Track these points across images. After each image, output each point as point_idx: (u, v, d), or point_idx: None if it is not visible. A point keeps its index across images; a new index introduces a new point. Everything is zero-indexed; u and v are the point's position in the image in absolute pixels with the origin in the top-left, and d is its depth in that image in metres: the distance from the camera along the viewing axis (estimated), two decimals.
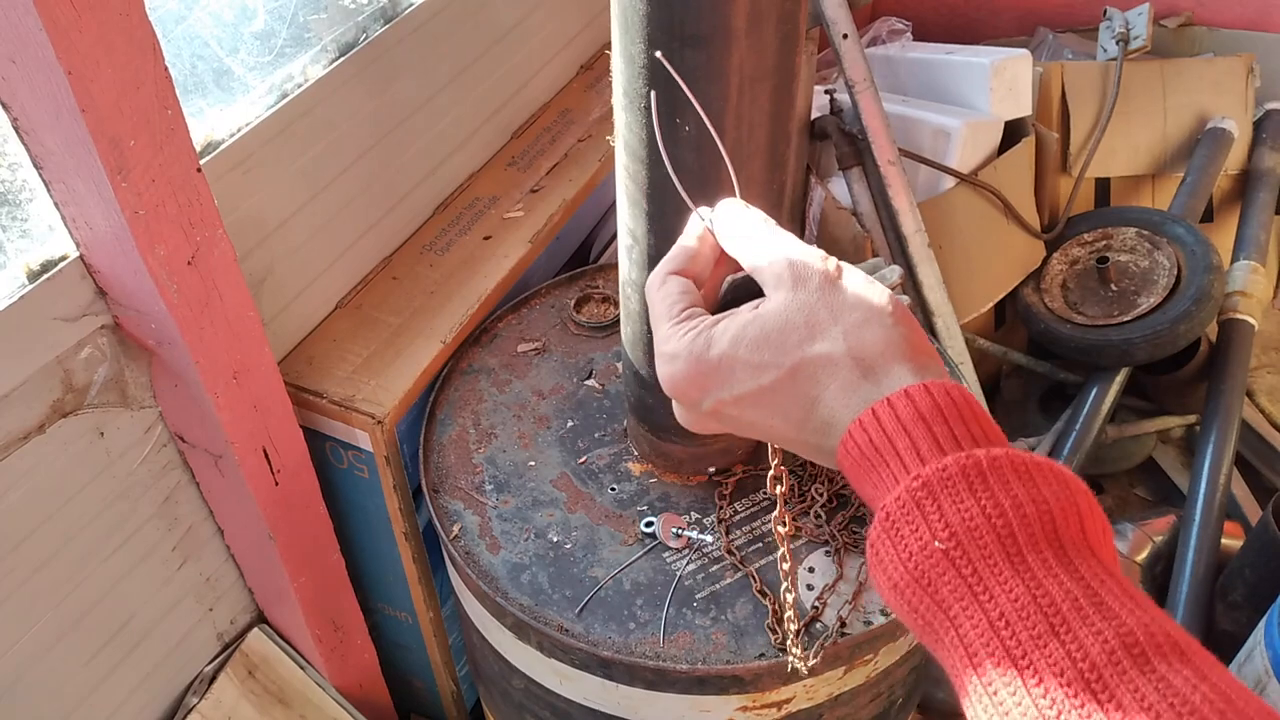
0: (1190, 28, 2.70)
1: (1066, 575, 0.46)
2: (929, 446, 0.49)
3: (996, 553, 0.46)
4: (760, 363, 0.54)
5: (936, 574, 0.47)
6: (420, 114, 1.52)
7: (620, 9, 0.90)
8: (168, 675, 1.37)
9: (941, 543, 0.47)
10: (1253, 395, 2.33)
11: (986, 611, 0.45)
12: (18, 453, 1.07)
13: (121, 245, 1.01)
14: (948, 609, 0.47)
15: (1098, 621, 0.44)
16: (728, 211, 0.61)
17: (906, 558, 0.48)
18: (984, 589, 0.46)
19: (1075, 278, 2.37)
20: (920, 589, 0.48)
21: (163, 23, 1.16)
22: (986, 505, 0.47)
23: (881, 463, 0.50)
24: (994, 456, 0.48)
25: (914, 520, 0.48)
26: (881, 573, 0.50)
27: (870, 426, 0.51)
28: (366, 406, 1.33)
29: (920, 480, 0.48)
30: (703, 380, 0.56)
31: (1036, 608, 0.44)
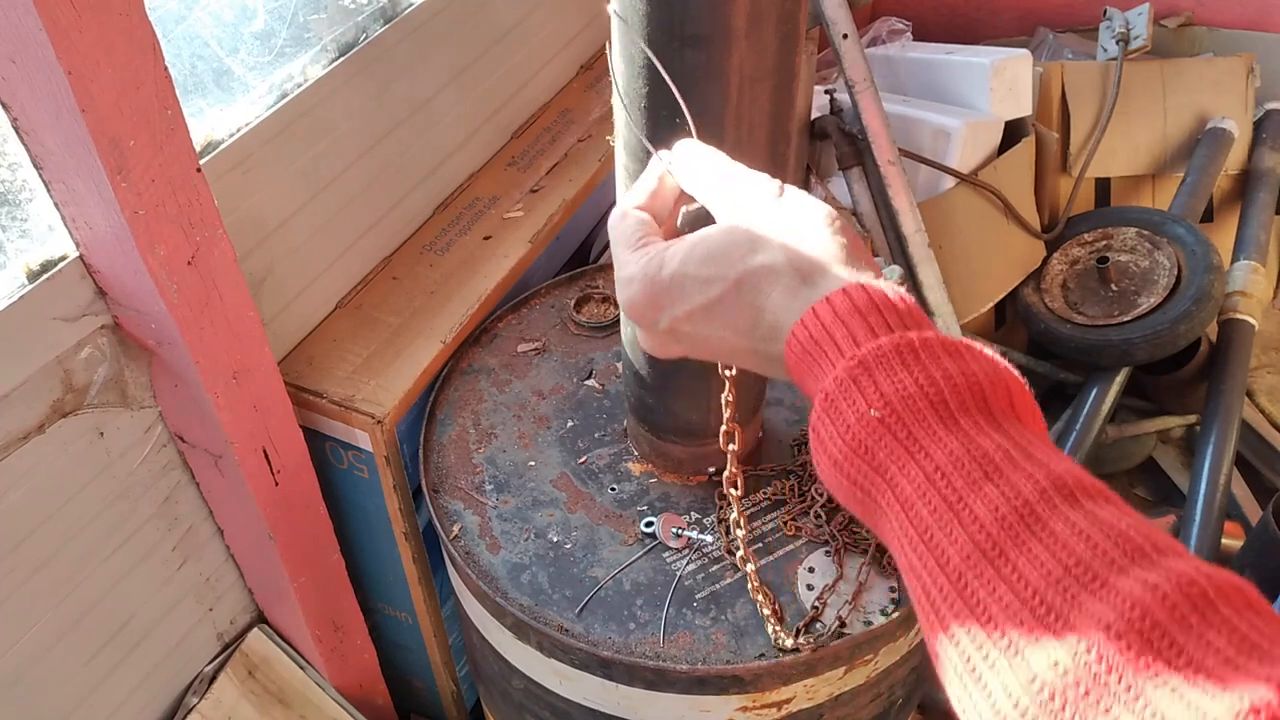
0: (1190, 28, 2.70)
1: (996, 433, 0.48)
2: (864, 334, 0.52)
3: (930, 416, 0.49)
4: (708, 276, 0.58)
5: (873, 440, 0.50)
6: (420, 114, 1.52)
7: (620, 9, 0.90)
8: (168, 675, 1.37)
9: (877, 410, 0.49)
10: (1253, 395, 2.33)
11: (922, 466, 0.48)
12: (18, 453, 1.07)
13: (121, 245, 1.01)
14: (885, 472, 0.49)
15: (1028, 467, 0.46)
16: (685, 151, 0.65)
17: (844, 430, 0.51)
18: (919, 448, 0.48)
19: (1075, 278, 2.37)
20: (858, 458, 0.50)
21: (163, 23, 1.16)
22: (919, 377, 0.50)
23: (821, 354, 0.53)
24: (925, 337, 0.51)
25: (851, 395, 0.51)
26: (823, 453, 0.52)
27: (810, 323, 0.54)
28: (366, 406, 1.33)
29: (856, 359, 0.51)
30: (657, 299, 0.60)
31: (970, 458, 0.47)
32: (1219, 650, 0.38)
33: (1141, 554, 0.42)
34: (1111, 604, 0.40)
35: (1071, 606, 0.41)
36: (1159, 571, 0.41)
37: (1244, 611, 0.40)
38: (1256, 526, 1.95)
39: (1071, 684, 0.39)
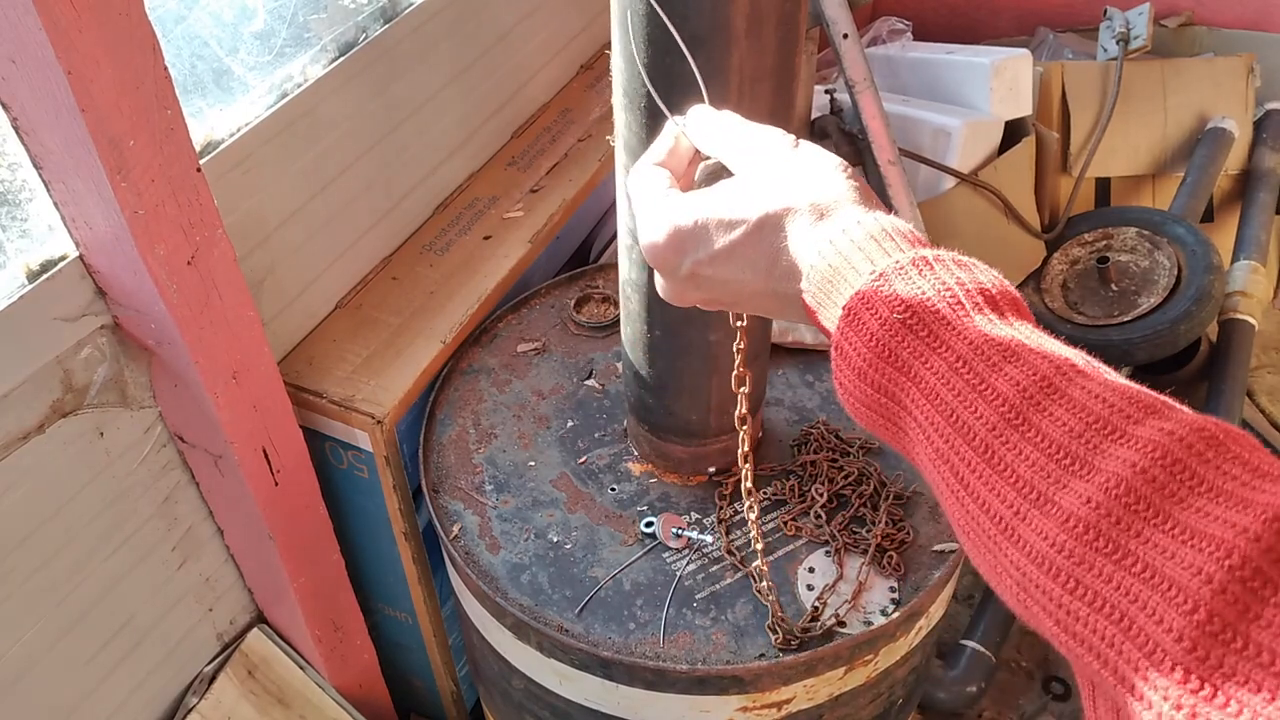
0: (1190, 28, 2.70)
1: (1006, 325, 0.52)
2: (881, 255, 0.55)
3: (948, 314, 0.52)
4: (730, 220, 0.60)
5: (896, 342, 0.52)
6: (420, 114, 1.52)
7: (620, 9, 0.90)
8: (168, 675, 1.37)
9: (898, 315, 0.52)
10: (1253, 395, 2.33)
11: (944, 357, 0.51)
12: (17, 453, 1.07)
13: (121, 245, 1.01)
14: (908, 369, 0.52)
15: (1044, 348, 0.50)
16: (699, 114, 0.68)
17: (869, 339, 0.53)
18: (940, 342, 0.51)
19: (1075, 278, 2.37)
20: (882, 361, 0.53)
21: (163, 23, 1.16)
22: (935, 284, 0.53)
23: (840, 278, 0.56)
24: (937, 253, 0.55)
25: (873, 305, 0.53)
26: (846, 366, 0.55)
27: (828, 252, 0.56)
28: (366, 406, 1.33)
29: (876, 273, 0.54)
30: (680, 243, 0.62)
31: (989, 345, 0.50)
32: (1236, 477, 0.41)
33: (1154, 409, 0.45)
34: (1134, 448, 0.44)
35: (1096, 454, 0.44)
36: (1173, 420, 0.44)
37: (1253, 450, 0.43)
38: None
39: (1105, 515, 0.42)
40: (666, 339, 1.15)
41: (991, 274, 0.55)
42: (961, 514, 0.49)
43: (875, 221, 0.56)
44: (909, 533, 1.22)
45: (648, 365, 1.19)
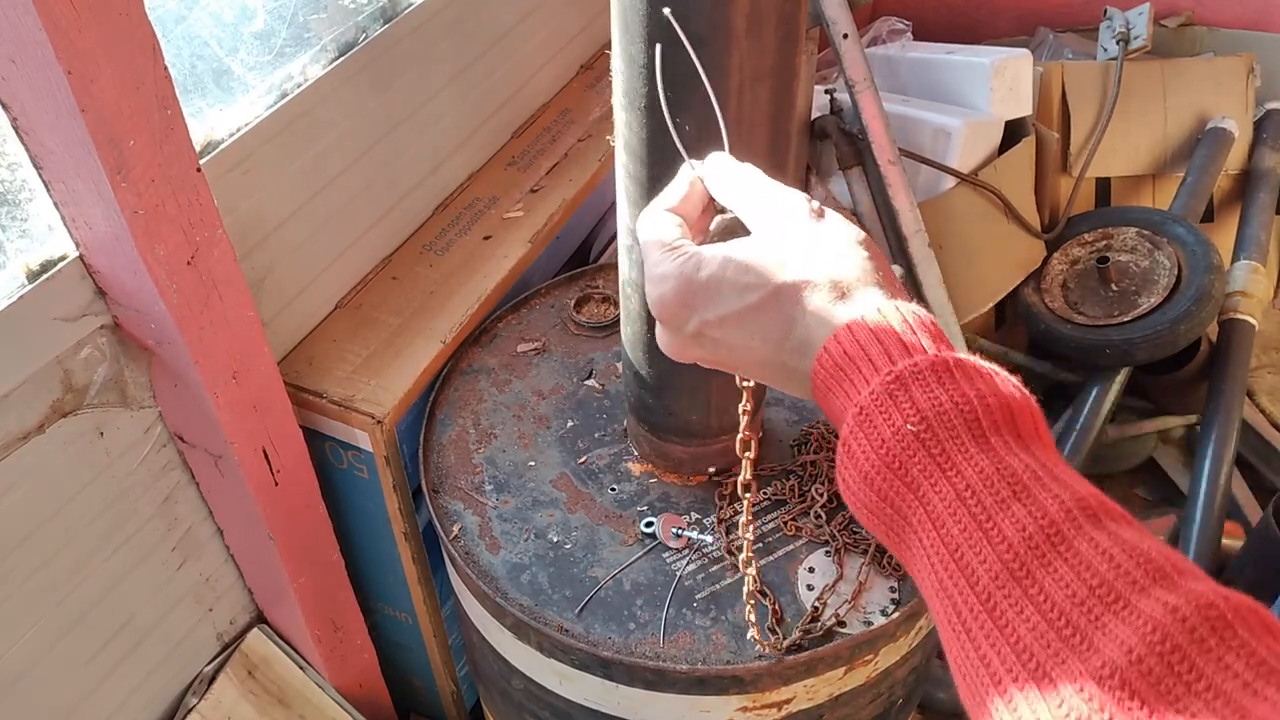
0: (1190, 28, 2.70)
1: (1024, 454, 0.50)
2: (899, 351, 0.53)
3: (963, 433, 0.50)
4: (746, 284, 0.58)
5: (907, 456, 0.51)
6: (420, 113, 1.52)
7: (620, 9, 0.90)
8: (168, 675, 1.37)
9: (913, 425, 0.51)
10: (1253, 395, 2.33)
11: (953, 483, 0.49)
12: (18, 453, 1.07)
13: (121, 245, 1.01)
14: (917, 487, 0.50)
15: (1054, 488, 0.48)
16: (718, 162, 0.66)
17: (879, 445, 0.52)
18: (950, 465, 0.50)
19: (1076, 278, 2.37)
20: (891, 473, 0.51)
21: (163, 23, 1.16)
22: (955, 395, 0.51)
23: (855, 369, 0.54)
24: (959, 358, 0.53)
25: (887, 410, 0.52)
26: (853, 467, 0.53)
27: (845, 338, 0.55)
28: (366, 406, 1.33)
29: (893, 375, 0.52)
30: (690, 299, 0.60)
31: (1000, 477, 0.48)
32: (1238, 674, 0.39)
33: (1162, 574, 0.43)
34: (1133, 626, 0.42)
35: (1095, 628, 0.43)
36: (1179, 593, 0.42)
37: (1262, 635, 0.41)
38: (1256, 526, 1.95)
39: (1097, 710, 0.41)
40: None
41: (1012, 384, 0.53)
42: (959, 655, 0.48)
43: (896, 311, 0.55)
44: None
45: (648, 365, 1.19)
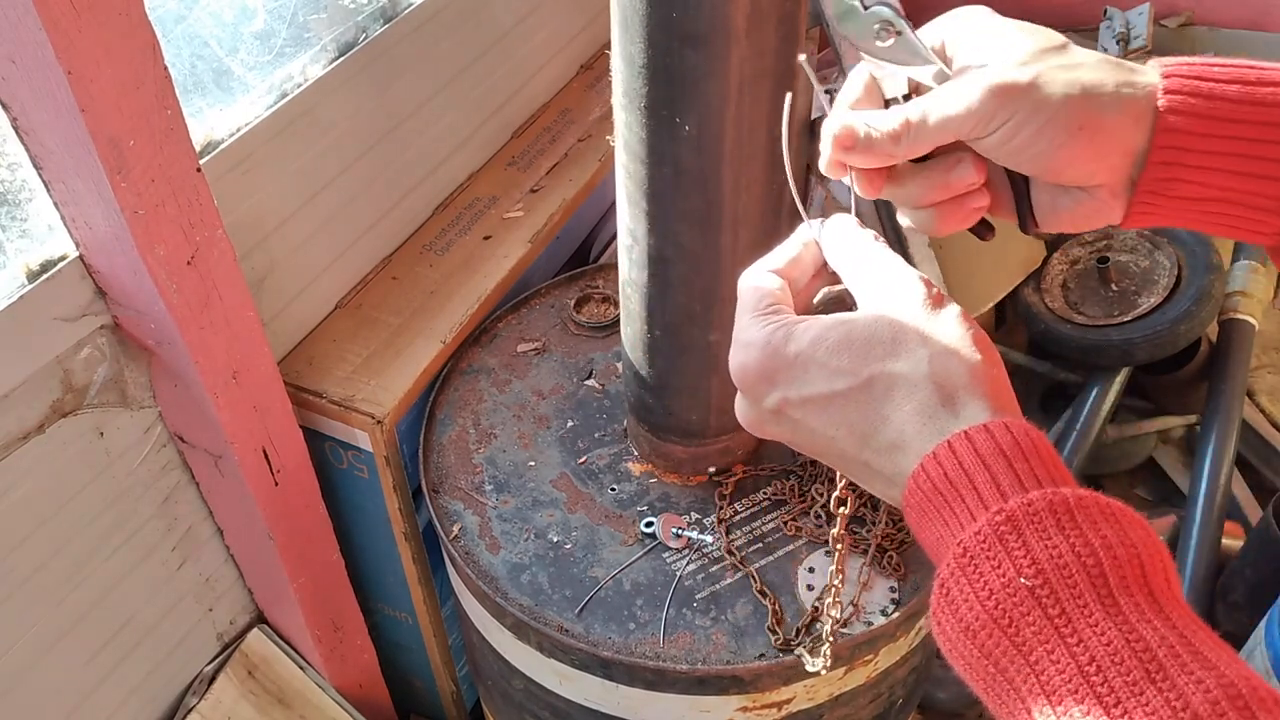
0: (1190, 28, 2.70)
1: (1160, 621, 0.43)
2: (1010, 482, 0.47)
3: (1087, 592, 0.43)
4: (838, 367, 0.53)
5: (1020, 613, 0.44)
6: (420, 113, 1.52)
7: (620, 9, 0.90)
8: (167, 675, 1.37)
9: (1027, 579, 0.44)
10: (1253, 395, 2.33)
11: (1075, 656, 0.43)
12: (17, 453, 1.07)
13: (121, 245, 1.01)
14: (1029, 652, 0.44)
15: (1197, 670, 0.41)
16: (838, 225, 0.60)
17: (986, 595, 0.45)
18: (1072, 631, 0.43)
19: (1076, 278, 2.37)
20: (999, 630, 0.45)
21: (163, 23, 1.16)
22: (1076, 543, 0.44)
23: (956, 497, 0.48)
24: (1080, 495, 0.46)
25: (996, 556, 0.45)
26: (952, 614, 0.47)
27: (945, 459, 0.49)
28: (366, 406, 1.33)
29: (1004, 514, 0.46)
30: (773, 373, 0.55)
31: (1131, 653, 0.42)
32: None
33: None
34: None
35: None
36: None
37: None
38: (1256, 526, 1.95)
39: None
40: (666, 339, 1.15)
41: (1142, 525, 0.46)
42: None
43: (1007, 432, 0.48)
44: (909, 532, 1.22)
45: (648, 365, 1.19)
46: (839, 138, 0.59)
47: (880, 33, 0.59)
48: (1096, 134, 0.54)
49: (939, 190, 0.60)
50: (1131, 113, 0.54)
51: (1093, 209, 0.58)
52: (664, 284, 1.09)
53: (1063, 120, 0.54)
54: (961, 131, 0.56)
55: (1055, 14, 2.84)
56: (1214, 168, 0.54)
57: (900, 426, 0.51)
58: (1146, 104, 0.54)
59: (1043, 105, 0.54)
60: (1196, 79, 0.53)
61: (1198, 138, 0.53)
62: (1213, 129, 0.53)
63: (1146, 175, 0.55)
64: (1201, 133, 0.53)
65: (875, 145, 0.58)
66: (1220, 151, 0.53)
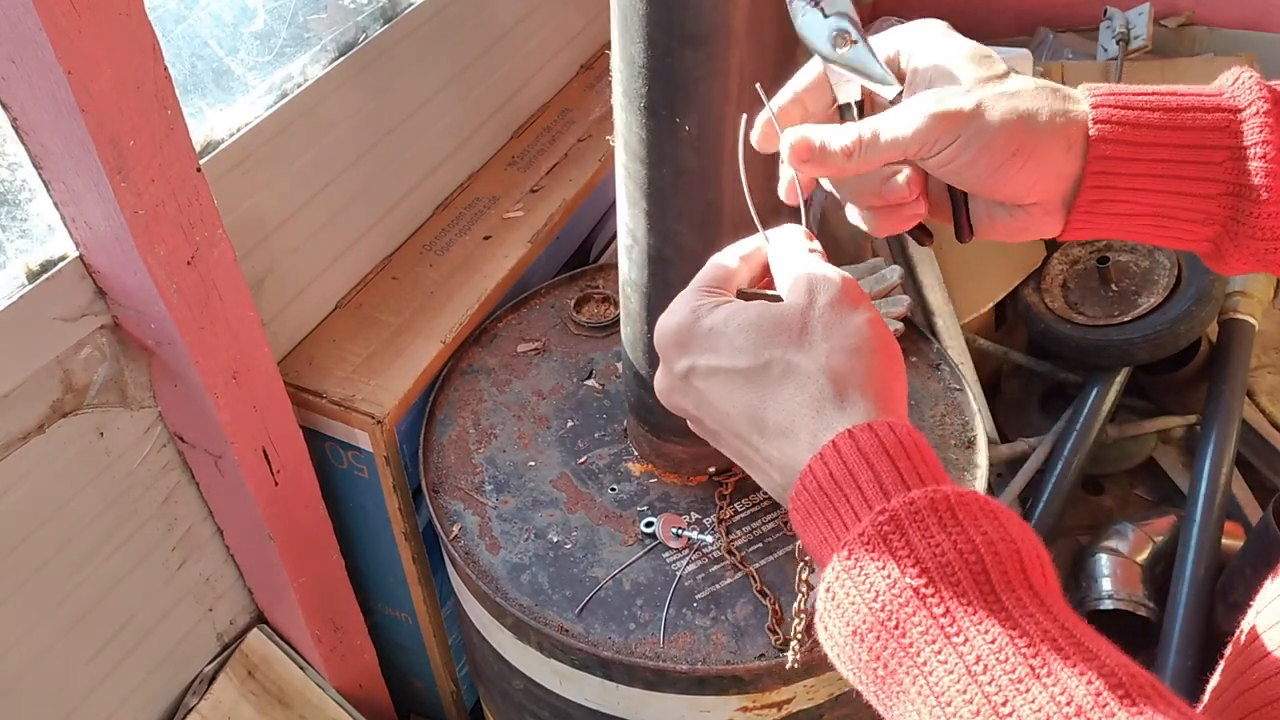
0: (1190, 28, 2.70)
1: (1041, 614, 0.44)
2: (893, 481, 0.48)
3: (970, 590, 0.44)
4: (742, 345, 0.55)
5: (905, 615, 0.45)
6: (420, 113, 1.52)
7: (620, 9, 0.90)
8: (167, 675, 1.37)
9: (912, 579, 0.45)
10: (1253, 395, 2.33)
11: (961, 655, 0.43)
12: (17, 453, 1.07)
13: (121, 245, 1.01)
14: (916, 653, 0.45)
15: (1078, 660, 0.42)
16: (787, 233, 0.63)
17: (872, 597, 0.46)
18: (958, 630, 0.44)
19: (1076, 278, 2.37)
20: (886, 632, 0.45)
21: (163, 23, 1.16)
22: (958, 541, 0.45)
23: (841, 498, 0.49)
24: (960, 493, 0.47)
25: (880, 557, 0.46)
26: (839, 618, 0.48)
27: (831, 460, 0.50)
28: (366, 406, 1.33)
29: (887, 514, 0.47)
30: (687, 341, 0.57)
31: (1014, 648, 0.43)
32: None
33: None
34: None
35: None
36: None
37: None
38: (1256, 526, 1.95)
39: None
40: None
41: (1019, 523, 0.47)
42: None
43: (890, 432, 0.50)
44: None
45: (648, 365, 1.19)
46: (795, 148, 0.62)
47: (837, 40, 0.63)
48: (1031, 158, 0.58)
49: (871, 198, 0.63)
50: (1064, 139, 0.58)
51: (1028, 223, 0.62)
52: (664, 284, 1.09)
53: (1000, 144, 0.58)
54: (908, 152, 0.59)
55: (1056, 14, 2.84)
56: (1143, 188, 0.58)
57: (791, 414, 0.53)
58: (1078, 131, 0.58)
59: (983, 131, 0.58)
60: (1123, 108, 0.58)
61: (1126, 162, 0.58)
62: (1139, 154, 0.58)
63: (1081, 198, 0.59)
64: (1129, 158, 0.58)
65: (828, 159, 0.61)
66: (1147, 174, 0.58)
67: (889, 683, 0.46)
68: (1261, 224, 0.56)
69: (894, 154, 0.60)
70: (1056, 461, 2.15)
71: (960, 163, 0.59)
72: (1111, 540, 2.10)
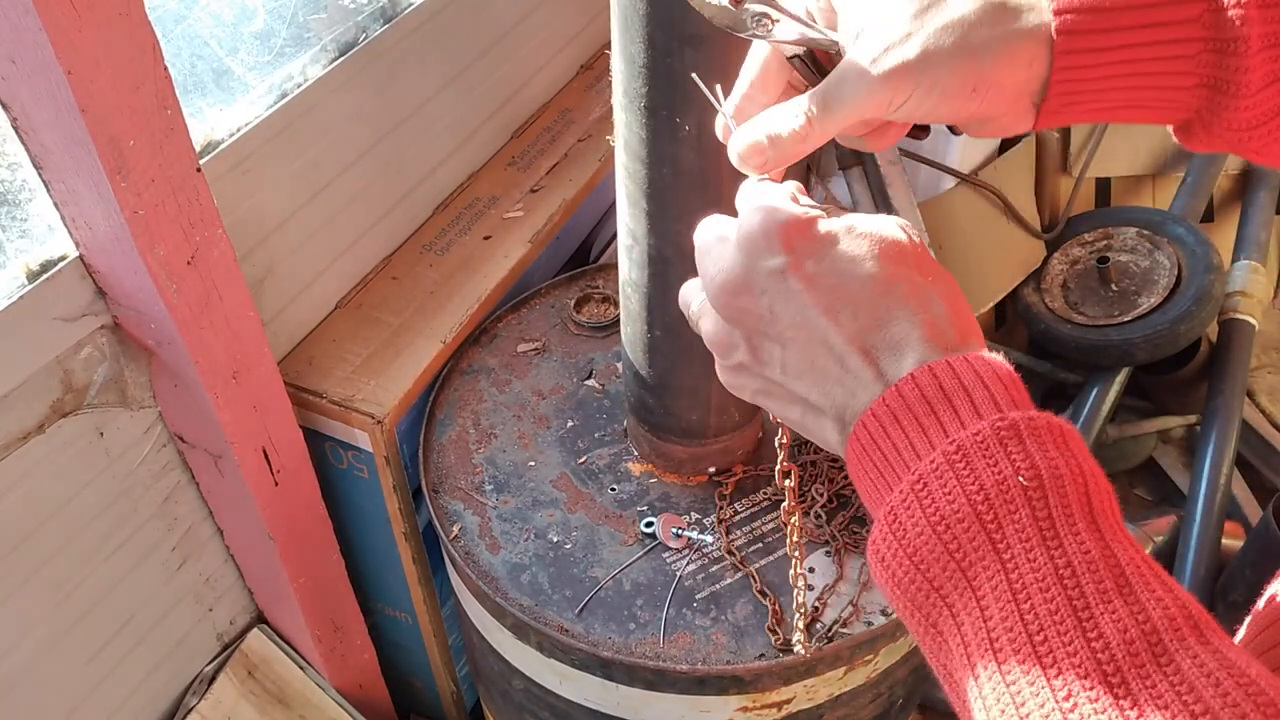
0: None
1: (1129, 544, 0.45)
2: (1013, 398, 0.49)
3: (1075, 505, 0.46)
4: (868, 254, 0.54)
5: (1007, 512, 0.46)
6: (420, 114, 1.52)
7: (620, 9, 0.90)
8: (168, 675, 1.37)
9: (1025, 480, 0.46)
10: (1253, 395, 2.33)
11: (1053, 557, 0.44)
12: (17, 453, 1.07)
13: (121, 245, 1.01)
14: (1005, 550, 0.46)
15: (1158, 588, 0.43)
16: None
17: (976, 490, 0.47)
18: (1055, 535, 0.45)
19: (1076, 278, 2.37)
20: (980, 526, 0.46)
21: (163, 23, 1.16)
22: (1069, 460, 0.47)
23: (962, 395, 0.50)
24: (1031, 418, 0.48)
25: (994, 455, 0.47)
26: (900, 541, 0.49)
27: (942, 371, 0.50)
28: (366, 406, 1.33)
29: (1008, 421, 0.48)
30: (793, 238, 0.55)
31: (1106, 564, 0.44)
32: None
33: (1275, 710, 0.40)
34: None
35: None
36: None
37: None
38: (1256, 526, 1.95)
39: None
40: (666, 339, 1.15)
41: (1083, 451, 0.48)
42: None
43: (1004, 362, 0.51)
44: None
45: (648, 365, 1.19)
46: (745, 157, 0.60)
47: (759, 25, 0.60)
48: (991, 90, 0.56)
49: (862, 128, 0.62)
50: (1025, 57, 0.55)
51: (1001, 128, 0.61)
52: (664, 284, 1.09)
53: (956, 87, 0.56)
54: (865, 117, 0.58)
55: None
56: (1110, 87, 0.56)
57: (909, 329, 0.52)
58: (1039, 43, 0.55)
59: (935, 82, 0.55)
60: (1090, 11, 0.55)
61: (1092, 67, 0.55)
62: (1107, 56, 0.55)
63: (1047, 105, 0.57)
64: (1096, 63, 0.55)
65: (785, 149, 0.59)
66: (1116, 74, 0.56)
67: (958, 581, 0.47)
68: (1235, 115, 0.55)
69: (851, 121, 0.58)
70: None
71: (922, 112, 0.57)
72: None
